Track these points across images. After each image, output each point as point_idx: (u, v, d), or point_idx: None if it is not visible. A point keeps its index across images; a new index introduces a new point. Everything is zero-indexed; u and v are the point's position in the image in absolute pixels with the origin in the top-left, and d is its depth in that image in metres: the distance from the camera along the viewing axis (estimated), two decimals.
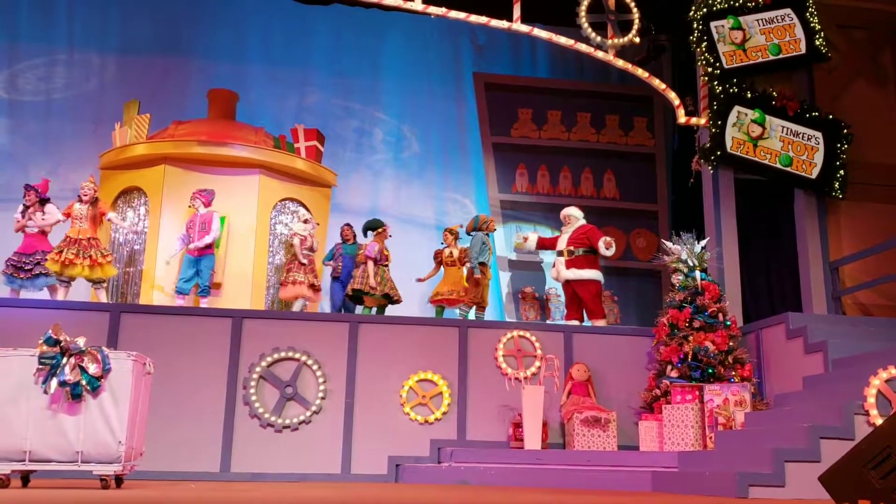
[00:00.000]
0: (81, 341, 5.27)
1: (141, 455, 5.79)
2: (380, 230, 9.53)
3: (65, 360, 5.19)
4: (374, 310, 9.38)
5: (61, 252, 8.57)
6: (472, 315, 9.51)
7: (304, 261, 9.39)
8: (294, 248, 9.48)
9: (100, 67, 11.85)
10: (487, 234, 9.75)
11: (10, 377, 5.21)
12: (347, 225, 10.09)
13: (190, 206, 9.44)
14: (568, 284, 9.42)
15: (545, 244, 9.87)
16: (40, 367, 5.20)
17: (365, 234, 9.66)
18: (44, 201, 8.80)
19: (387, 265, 9.45)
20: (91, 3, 11.83)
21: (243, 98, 11.35)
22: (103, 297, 8.91)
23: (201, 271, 9.15)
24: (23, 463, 5.21)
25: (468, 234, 9.82)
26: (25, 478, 5.43)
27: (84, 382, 5.18)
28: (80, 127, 11.50)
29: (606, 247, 9.23)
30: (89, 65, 11.82)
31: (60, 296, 8.66)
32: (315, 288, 9.45)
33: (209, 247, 9.22)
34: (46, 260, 8.57)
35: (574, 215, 9.71)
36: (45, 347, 5.22)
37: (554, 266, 9.62)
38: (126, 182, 10.23)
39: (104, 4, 11.83)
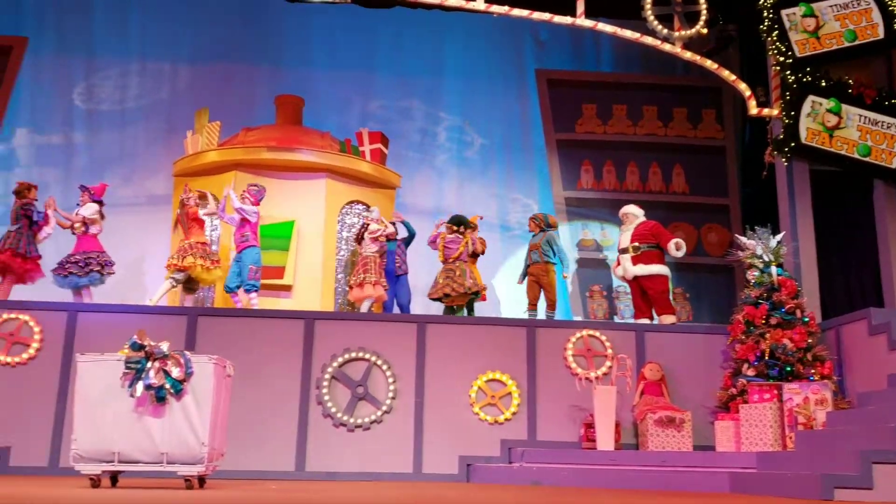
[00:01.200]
0: (165, 346, 5.42)
1: (222, 456, 5.92)
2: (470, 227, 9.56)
3: (149, 364, 5.34)
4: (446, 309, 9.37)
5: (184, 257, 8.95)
6: (542, 315, 9.49)
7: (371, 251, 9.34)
8: (368, 244, 9.44)
9: (171, 76, 12.16)
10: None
11: (100, 381, 5.38)
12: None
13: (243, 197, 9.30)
14: (635, 281, 9.30)
15: None
16: (126, 371, 5.36)
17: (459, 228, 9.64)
18: (97, 203, 9.05)
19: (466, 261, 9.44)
20: (162, 15, 12.13)
21: (309, 102, 11.52)
22: (189, 302, 9.15)
23: (242, 266, 9.05)
24: (112, 464, 5.38)
25: (539, 232, 9.80)
26: (114, 478, 5.61)
27: (168, 386, 5.32)
28: (153, 135, 11.83)
29: (677, 248, 9.14)
30: (161, 74, 12.14)
31: (190, 302, 9.11)
32: (386, 287, 9.40)
33: (246, 240, 9.08)
34: (93, 261, 8.82)
35: (634, 213, 9.59)
36: (130, 352, 5.38)
37: (618, 264, 9.50)
38: (199, 188, 10.43)
39: (174, 16, 12.12)
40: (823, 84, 9.30)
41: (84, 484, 5.49)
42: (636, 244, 9.30)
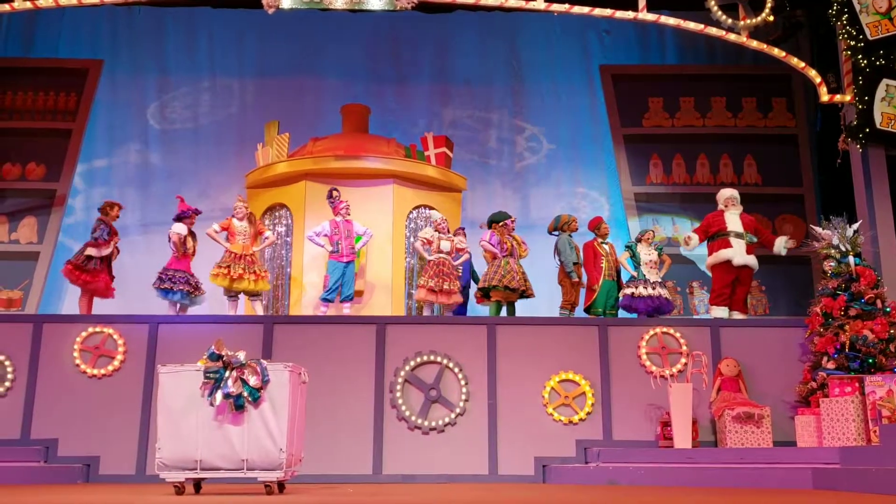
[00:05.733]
0: (242, 355, 5.57)
1: (300, 461, 6.04)
2: (501, 223, 9.50)
3: (227, 373, 5.50)
4: (505, 308, 9.33)
5: (229, 267, 9.07)
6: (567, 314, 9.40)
7: (431, 257, 9.33)
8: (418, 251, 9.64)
9: (240, 92, 12.49)
10: (570, 235, 9.53)
11: (182, 391, 5.56)
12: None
13: (347, 216, 9.58)
14: (740, 269, 9.02)
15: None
16: (205, 380, 5.53)
17: (489, 227, 9.60)
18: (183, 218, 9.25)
19: (513, 257, 9.35)
20: (229, 32, 12.48)
21: (374, 111, 11.67)
22: (259, 309, 9.36)
23: (348, 278, 9.38)
24: (195, 471, 5.55)
25: (549, 233, 9.73)
26: (198, 485, 5.79)
27: (245, 394, 5.47)
28: (225, 149, 12.16)
29: (786, 245, 9.21)
30: (230, 90, 12.48)
31: (231, 311, 9.19)
32: (440, 292, 9.25)
33: (354, 253, 9.51)
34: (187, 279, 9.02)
35: (738, 198, 9.33)
36: (208, 362, 5.55)
37: (731, 247, 9.05)
38: (271, 199, 10.72)
39: (241, 32, 12.44)
40: None
41: (169, 491, 5.68)
42: (748, 233, 9.13)
